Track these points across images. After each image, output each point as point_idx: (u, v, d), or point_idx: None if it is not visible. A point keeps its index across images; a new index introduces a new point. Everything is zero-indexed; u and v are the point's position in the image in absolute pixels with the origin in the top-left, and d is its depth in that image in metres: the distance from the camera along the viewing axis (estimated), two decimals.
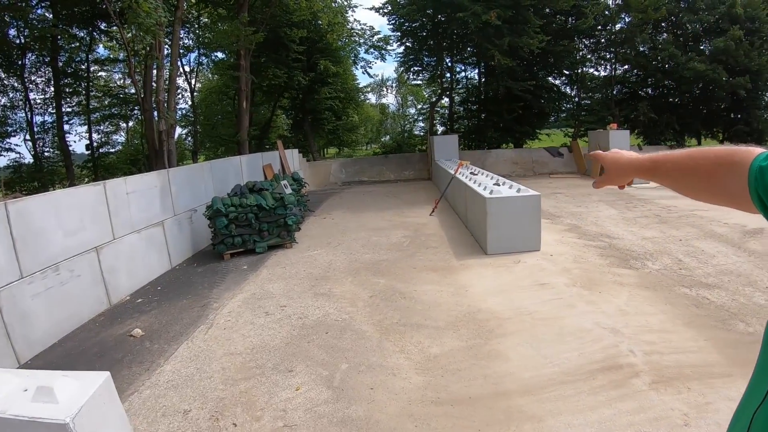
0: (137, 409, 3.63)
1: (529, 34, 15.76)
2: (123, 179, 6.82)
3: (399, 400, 3.37)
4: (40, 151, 17.88)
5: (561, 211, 10.00)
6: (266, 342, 4.59)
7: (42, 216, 5.23)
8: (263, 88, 19.26)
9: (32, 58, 17.28)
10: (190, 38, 19.63)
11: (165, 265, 7.48)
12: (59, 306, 5.31)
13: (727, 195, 0.97)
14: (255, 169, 11.98)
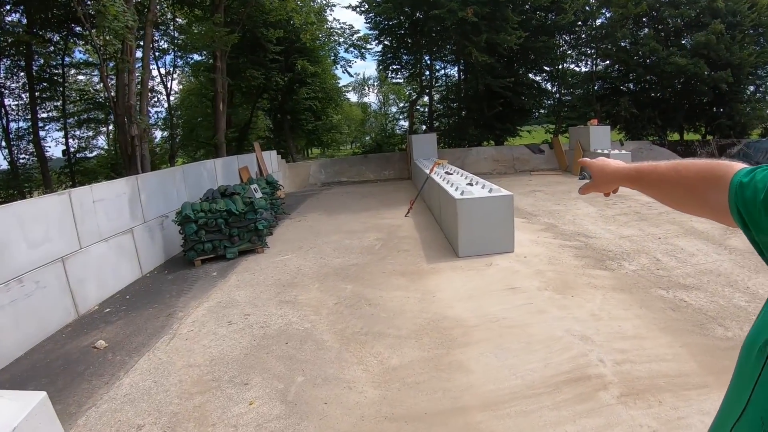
0: (93, 425, 3.60)
1: (507, 30, 15.73)
2: (89, 187, 6.74)
3: (352, 416, 3.34)
4: (15, 158, 17.64)
5: (539, 210, 10.02)
6: (225, 353, 4.55)
7: (4, 228, 5.15)
8: (242, 90, 19.15)
9: (7, 63, 17.03)
10: (165, 40, 19.42)
11: (136, 273, 7.40)
12: (25, 318, 5.24)
13: (708, 208, 0.99)
14: (231, 172, 11.89)
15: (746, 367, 0.77)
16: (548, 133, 21.31)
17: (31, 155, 18.22)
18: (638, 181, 1.18)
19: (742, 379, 0.78)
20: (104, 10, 7.31)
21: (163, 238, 8.24)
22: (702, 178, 0.99)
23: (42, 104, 18.26)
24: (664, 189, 1.11)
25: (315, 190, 16.38)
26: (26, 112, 17.73)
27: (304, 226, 10.08)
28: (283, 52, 17.72)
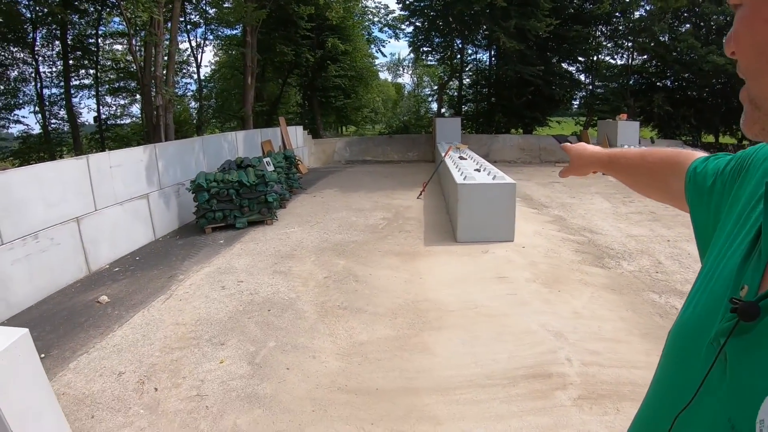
0: (81, 368, 3.96)
1: (538, 17, 15.42)
2: (107, 153, 7.12)
3: (308, 383, 3.55)
4: (48, 123, 18.49)
5: (552, 202, 10.00)
6: (211, 315, 4.84)
7: (24, 188, 5.53)
8: (275, 64, 19.42)
9: (43, 32, 17.77)
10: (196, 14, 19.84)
11: (149, 236, 7.79)
12: (38, 272, 5.64)
13: (668, 193, 1.05)
14: (253, 145, 12.21)
15: (691, 355, 0.73)
16: (578, 125, 20.90)
17: (62, 120, 19.06)
18: (609, 165, 1.27)
19: (685, 368, 0.74)
20: None
21: (178, 205, 8.60)
22: (665, 164, 1.04)
23: (76, 72, 19.07)
24: (631, 173, 1.18)
25: (338, 168, 16.60)
26: (60, 79, 18.53)
27: (317, 202, 10.34)
28: (315, 29, 17.86)
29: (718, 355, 0.65)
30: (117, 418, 3.28)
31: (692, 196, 0.92)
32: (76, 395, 3.58)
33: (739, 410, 0.60)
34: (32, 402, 2.66)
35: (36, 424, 2.66)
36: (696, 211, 0.91)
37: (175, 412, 3.31)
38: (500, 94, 19.76)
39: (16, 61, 18.00)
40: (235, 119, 21.59)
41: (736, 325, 0.62)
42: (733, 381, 0.63)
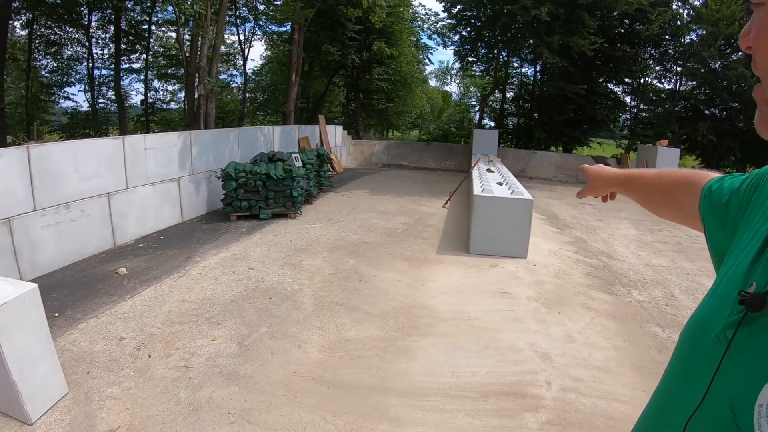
0: (89, 330, 4.30)
1: (582, 34, 15.19)
2: (143, 136, 7.53)
3: (286, 370, 3.73)
4: (96, 102, 19.55)
5: (577, 223, 9.91)
6: (217, 296, 5.10)
7: (60, 160, 5.96)
8: (322, 63, 19.84)
9: (98, 16, 18.81)
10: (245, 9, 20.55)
11: (176, 218, 8.17)
12: (66, 239, 6.06)
13: (683, 213, 1.06)
14: (290, 140, 12.56)
15: (699, 354, 0.74)
16: (620, 147, 20.49)
17: (110, 101, 20.09)
18: (626, 185, 1.27)
19: (694, 369, 0.74)
20: None
21: (208, 191, 8.97)
22: (680, 184, 1.06)
23: (127, 55, 20.11)
24: (646, 193, 1.19)
25: (374, 170, 16.83)
26: (111, 61, 19.61)
27: (344, 201, 10.56)
28: (362, 32, 18.18)
29: (727, 349, 0.66)
30: (109, 377, 3.57)
31: (707, 213, 0.92)
32: (78, 352, 3.91)
33: (740, 394, 0.61)
34: (32, 349, 3.04)
35: (32, 368, 3.02)
36: (711, 228, 0.92)
37: (161, 378, 3.56)
38: (542, 110, 19.56)
39: (71, 41, 19.18)
40: (278, 114, 22.16)
41: (744, 317, 0.64)
42: (736, 366, 0.64)
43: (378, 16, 14.41)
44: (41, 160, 5.68)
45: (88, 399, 3.30)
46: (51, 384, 3.20)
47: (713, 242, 0.91)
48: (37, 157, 5.64)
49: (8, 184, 5.31)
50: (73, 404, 3.24)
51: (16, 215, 5.41)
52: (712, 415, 0.66)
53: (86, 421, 3.07)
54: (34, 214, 5.64)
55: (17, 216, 5.43)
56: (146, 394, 3.37)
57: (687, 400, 0.72)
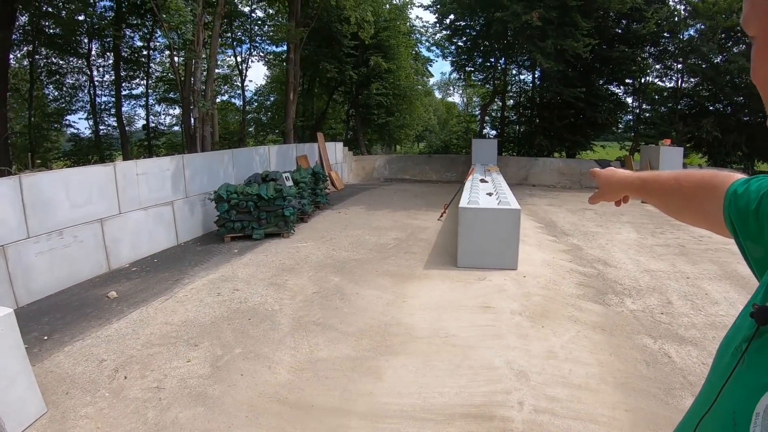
0: (73, 352, 4.50)
1: (575, 36, 15.11)
2: (134, 162, 7.73)
3: (252, 391, 3.81)
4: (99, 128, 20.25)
5: (575, 230, 9.81)
6: (198, 318, 5.23)
7: (52, 189, 6.19)
8: (321, 81, 20.10)
9: (98, 44, 19.41)
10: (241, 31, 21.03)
11: (171, 241, 8.35)
12: (60, 265, 6.27)
13: (704, 217, 1.02)
14: (288, 159, 12.73)
15: (720, 365, 0.76)
16: (624, 150, 20.31)
17: (110, 127, 20.77)
18: (642, 190, 1.22)
19: (715, 377, 0.75)
20: (168, 4, 8.31)
21: (203, 213, 9.15)
22: (700, 188, 1.01)
23: (127, 81, 20.72)
24: (665, 197, 1.15)
25: (374, 185, 16.95)
26: (111, 87, 20.17)
27: (339, 218, 10.66)
28: (358, 48, 18.42)
29: (740, 359, 0.67)
30: (85, 397, 3.73)
31: (735, 220, 0.88)
32: (60, 374, 4.10)
33: (741, 404, 0.62)
34: (8, 370, 3.22)
35: (8, 388, 3.21)
36: (742, 235, 0.87)
37: (133, 399, 3.70)
38: (543, 117, 19.53)
39: (72, 70, 19.90)
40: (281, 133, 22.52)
41: (756, 330, 0.65)
42: (743, 378, 0.65)
43: (366, 32, 14.58)
44: (33, 190, 5.91)
45: (64, 418, 3.46)
46: (28, 403, 3.37)
47: (747, 251, 0.86)
48: (28, 186, 5.86)
49: (1, 214, 5.56)
50: (49, 423, 3.40)
51: (9, 243, 5.64)
52: (717, 422, 0.68)
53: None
54: (28, 242, 5.86)
55: (11, 243, 5.67)
56: (117, 414, 3.51)
57: (701, 406, 0.74)
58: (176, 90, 18.93)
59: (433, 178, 18.04)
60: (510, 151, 20.49)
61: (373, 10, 15.17)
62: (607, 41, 16.85)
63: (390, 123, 22.70)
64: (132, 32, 19.52)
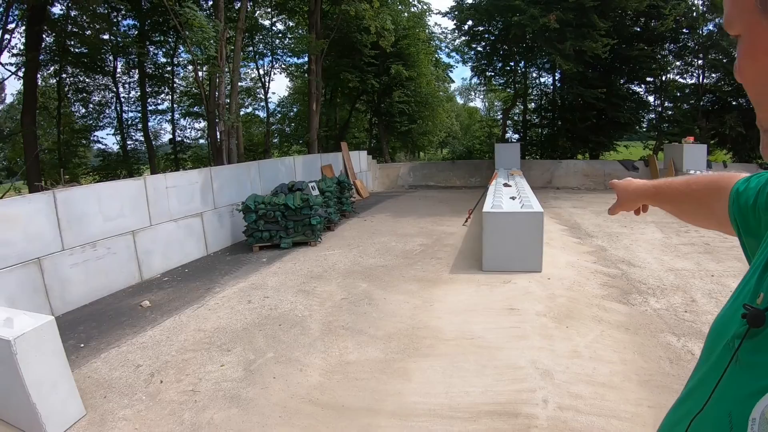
0: (110, 359, 4.67)
1: (594, 37, 15.01)
2: (164, 175, 7.96)
3: (285, 393, 3.90)
4: (126, 143, 20.83)
5: (599, 231, 9.75)
6: (230, 325, 5.36)
7: (85, 203, 6.42)
8: (343, 90, 20.32)
9: (123, 62, 20.14)
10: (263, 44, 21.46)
11: (201, 251, 8.54)
12: (94, 276, 6.49)
13: (714, 218, 1.03)
14: (313, 169, 12.91)
15: (712, 357, 0.75)
16: (647, 149, 20.00)
17: (137, 142, 21.35)
18: (656, 197, 1.25)
19: (708, 371, 0.75)
20: (191, 22, 8.57)
21: (232, 224, 9.35)
22: (709, 190, 1.03)
23: (153, 97, 21.32)
24: (677, 203, 1.18)
25: (399, 192, 17.05)
26: (137, 104, 20.83)
27: (366, 226, 10.76)
28: (379, 57, 18.60)
29: (733, 357, 0.67)
30: (123, 401, 3.88)
31: (738, 217, 0.90)
32: (98, 379, 4.26)
33: (738, 407, 0.62)
34: (50, 375, 3.40)
35: (50, 392, 3.38)
36: (744, 231, 0.89)
37: (169, 402, 3.83)
38: (564, 119, 19.35)
39: (98, 87, 20.52)
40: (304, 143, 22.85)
41: (747, 331, 0.65)
42: (738, 378, 0.65)
43: (387, 40, 14.73)
44: (67, 204, 6.15)
45: (103, 420, 3.60)
46: (68, 407, 3.54)
47: (747, 247, 0.88)
48: (62, 201, 6.10)
49: (37, 227, 5.79)
50: (88, 425, 3.55)
51: (45, 255, 5.87)
52: (713, 423, 0.68)
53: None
54: (63, 254, 6.09)
55: (47, 256, 5.90)
56: (154, 416, 3.64)
57: (695, 404, 0.74)
58: (201, 104, 19.45)
59: (458, 184, 18.05)
60: (533, 154, 20.40)
61: (392, 18, 15.35)
62: (626, 40, 16.66)
63: (413, 130, 22.79)
64: (155, 49, 20.15)
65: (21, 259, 5.62)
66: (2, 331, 3.24)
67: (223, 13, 10.07)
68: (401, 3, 20.56)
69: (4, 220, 5.48)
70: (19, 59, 16.03)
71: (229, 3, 14.71)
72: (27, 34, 14.70)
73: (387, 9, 15.47)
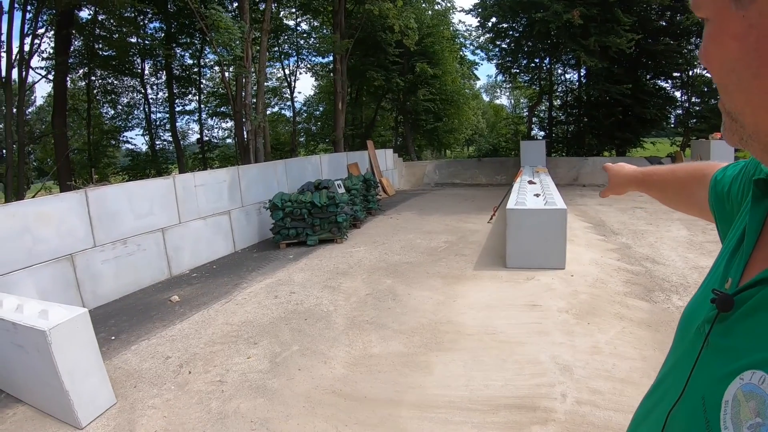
0: (140, 350, 4.86)
1: (618, 32, 14.78)
2: (192, 174, 8.16)
3: (309, 384, 4.01)
4: (155, 143, 21.37)
5: (625, 228, 9.62)
6: (257, 319, 5.50)
7: (116, 201, 6.66)
8: (368, 89, 20.43)
9: (150, 64, 20.67)
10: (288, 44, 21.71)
11: (229, 248, 8.74)
12: (125, 271, 6.73)
13: (697, 206, 1.04)
14: (339, 167, 13.04)
15: (684, 345, 0.76)
16: (675, 145, 19.63)
17: (165, 141, 21.83)
18: (643, 183, 1.28)
19: (680, 359, 0.75)
20: (217, 23, 8.77)
21: (259, 222, 9.53)
22: (692, 177, 1.06)
23: (181, 98, 21.84)
24: (661, 189, 1.20)
25: (425, 190, 17.06)
26: (165, 104, 21.39)
27: (391, 223, 10.84)
28: (403, 55, 18.65)
29: (705, 341, 0.68)
30: (152, 390, 4.04)
31: (715, 204, 0.92)
32: (128, 369, 4.45)
33: (710, 390, 0.63)
34: (82, 364, 3.57)
35: (83, 380, 3.54)
36: (720, 219, 0.91)
37: (197, 391, 3.98)
38: (590, 115, 19.11)
39: (126, 89, 21.10)
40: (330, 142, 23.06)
41: (717, 315, 0.67)
42: (709, 362, 0.66)
43: (411, 39, 14.77)
44: (98, 202, 6.38)
45: (132, 408, 3.76)
46: (100, 395, 3.70)
47: (723, 234, 0.89)
48: (94, 199, 6.34)
49: (70, 225, 6.04)
50: (118, 413, 3.71)
51: (77, 251, 6.12)
52: (688, 409, 0.68)
53: (128, 426, 3.51)
54: (94, 250, 6.33)
55: (78, 252, 6.14)
56: (182, 405, 3.78)
57: (672, 391, 0.74)
58: (228, 104, 19.81)
59: (483, 182, 17.97)
60: (559, 151, 20.21)
61: (415, 17, 15.39)
62: (651, 35, 16.33)
63: (438, 128, 22.83)
64: (182, 51, 20.66)
65: (54, 255, 5.87)
66: (38, 322, 3.42)
67: (248, 15, 10.29)
68: (425, 1, 20.63)
69: (38, 217, 5.73)
70: (49, 63, 16.67)
71: (254, 4, 15.00)
72: (56, 38, 15.31)
73: (410, 8, 15.53)
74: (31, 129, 20.75)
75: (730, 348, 0.63)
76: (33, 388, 3.76)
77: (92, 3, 14.68)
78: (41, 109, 24.25)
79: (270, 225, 9.07)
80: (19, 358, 3.66)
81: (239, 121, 11.02)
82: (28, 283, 5.52)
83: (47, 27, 15.35)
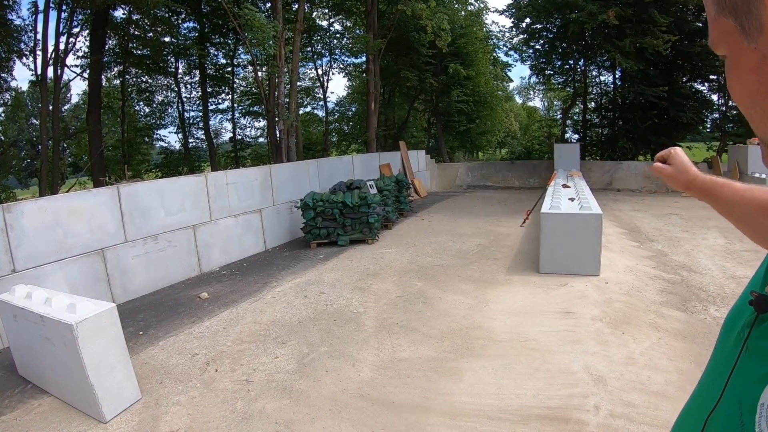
0: (167, 346, 4.89)
1: (654, 33, 14.37)
2: (224, 172, 8.22)
3: (337, 386, 3.94)
4: (188, 141, 21.76)
5: (660, 235, 9.33)
6: (286, 318, 5.48)
7: (147, 198, 6.74)
8: (401, 90, 20.36)
9: (184, 64, 21.08)
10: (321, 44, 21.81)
11: (260, 246, 8.78)
12: (155, 267, 6.81)
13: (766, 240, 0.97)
14: (371, 167, 13.01)
15: (724, 349, 0.76)
16: (711, 150, 18.98)
17: (198, 140, 22.24)
18: (709, 193, 1.12)
19: (720, 366, 0.75)
20: (251, 22, 8.81)
21: (290, 221, 9.56)
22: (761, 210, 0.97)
23: (214, 97, 22.19)
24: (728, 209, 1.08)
25: (457, 192, 16.91)
26: (198, 103, 21.65)
27: (423, 225, 10.74)
28: (436, 56, 18.52)
29: (743, 347, 0.67)
30: (178, 387, 4.05)
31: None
32: (155, 365, 4.47)
33: (747, 393, 0.62)
34: (108, 359, 3.58)
35: (108, 375, 3.56)
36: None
37: (223, 390, 3.96)
38: (625, 118, 18.61)
39: (160, 88, 21.56)
40: (362, 142, 23.10)
41: (756, 317, 0.66)
42: (748, 365, 0.65)
43: (443, 40, 14.64)
44: (130, 198, 6.47)
45: (157, 404, 3.77)
46: (125, 390, 3.71)
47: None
48: (126, 195, 6.43)
49: (101, 220, 6.14)
50: (143, 408, 3.72)
51: (108, 246, 6.21)
52: (725, 413, 0.68)
53: (152, 422, 3.51)
54: (125, 246, 6.42)
55: (110, 247, 6.24)
56: (207, 403, 3.77)
57: (710, 397, 0.73)
58: (261, 103, 20.05)
59: (516, 185, 17.73)
60: (593, 155, 19.76)
61: (448, 18, 15.27)
62: (688, 36, 15.78)
63: (471, 130, 22.60)
64: (216, 50, 20.99)
65: (85, 250, 5.97)
66: (66, 316, 3.44)
67: (281, 15, 10.33)
68: (458, 2, 20.48)
69: (71, 212, 5.83)
70: (84, 61, 17.13)
71: (287, 5, 15.08)
72: (91, 37, 15.72)
73: (443, 8, 15.40)
74: (66, 126, 21.33)
75: (767, 349, 0.63)
76: (59, 380, 3.80)
77: (126, 3, 15.03)
78: (77, 107, 24.90)
79: (301, 224, 9.07)
80: (47, 350, 3.70)
81: (272, 120, 11.10)
82: (59, 276, 5.62)
83: (82, 26, 15.78)
